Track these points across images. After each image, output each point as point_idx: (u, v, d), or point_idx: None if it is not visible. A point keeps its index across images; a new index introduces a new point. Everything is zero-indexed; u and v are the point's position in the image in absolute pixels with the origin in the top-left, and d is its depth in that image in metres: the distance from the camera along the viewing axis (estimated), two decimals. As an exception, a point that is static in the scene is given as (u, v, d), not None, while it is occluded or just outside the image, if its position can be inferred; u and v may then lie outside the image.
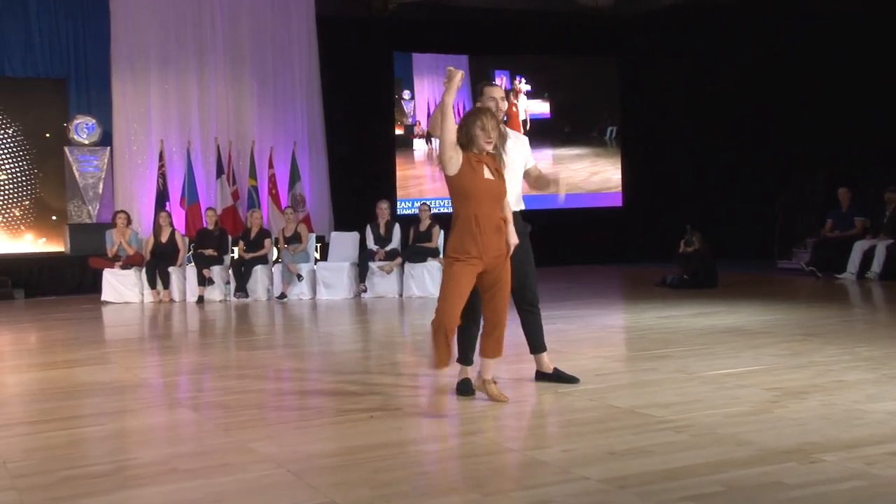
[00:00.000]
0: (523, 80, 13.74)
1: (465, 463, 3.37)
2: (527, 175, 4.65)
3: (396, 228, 10.22)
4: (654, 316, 7.34)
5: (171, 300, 9.86)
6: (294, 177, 11.83)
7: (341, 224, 11.79)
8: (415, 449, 3.58)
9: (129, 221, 10.23)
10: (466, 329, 4.35)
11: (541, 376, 4.68)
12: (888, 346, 5.44)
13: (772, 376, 4.64)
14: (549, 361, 4.69)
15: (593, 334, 6.54)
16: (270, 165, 11.80)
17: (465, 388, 4.39)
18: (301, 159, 11.98)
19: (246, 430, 3.87)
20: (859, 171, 11.38)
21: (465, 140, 4.04)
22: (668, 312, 7.54)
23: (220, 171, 11.58)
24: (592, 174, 14.16)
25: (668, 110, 13.67)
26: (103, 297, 9.80)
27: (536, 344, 4.67)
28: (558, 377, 4.63)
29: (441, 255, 9.90)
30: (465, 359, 4.44)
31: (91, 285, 10.61)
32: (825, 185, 11.72)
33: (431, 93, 13.48)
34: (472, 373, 4.44)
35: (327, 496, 2.91)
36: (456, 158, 4.01)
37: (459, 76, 4.03)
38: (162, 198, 11.21)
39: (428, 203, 10.62)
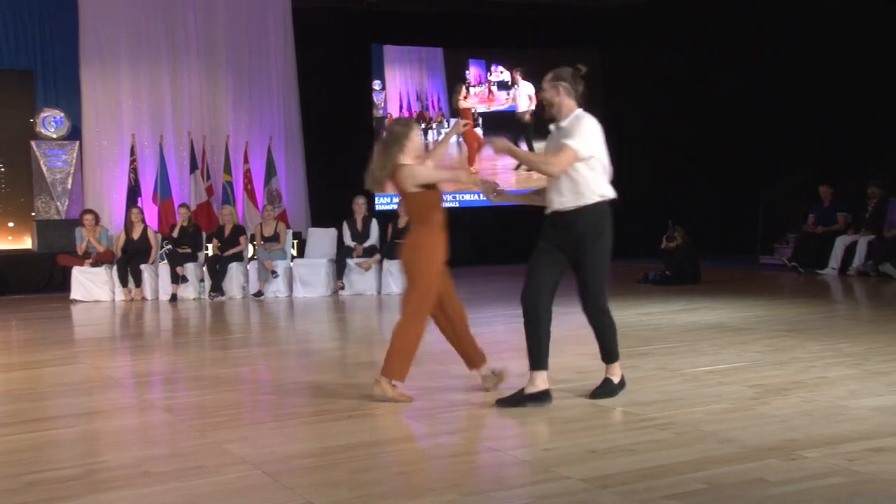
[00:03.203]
0: (500, 69, 13.63)
1: (444, 463, 3.33)
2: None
3: (374, 224, 10.11)
4: (636, 312, 7.33)
5: (144, 298, 9.69)
6: (270, 172, 11.68)
7: (318, 220, 11.65)
8: (393, 449, 3.54)
9: (97, 221, 10.00)
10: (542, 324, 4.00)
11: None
12: (870, 342, 5.46)
13: (754, 373, 4.64)
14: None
15: (575, 331, 6.45)
16: (246, 160, 11.64)
17: (543, 397, 4.03)
18: (277, 154, 11.84)
19: (221, 431, 3.80)
20: (842, 167, 11.44)
21: None
22: (649, 309, 7.54)
23: (193, 167, 11.40)
24: None
25: (649, 105, 13.60)
26: (72, 296, 9.60)
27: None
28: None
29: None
30: (542, 363, 4.02)
31: (60, 283, 10.40)
32: (808, 180, 11.78)
33: (403, 84, 13.32)
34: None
35: (304, 497, 2.87)
36: None
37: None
38: (133, 193, 11.02)
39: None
